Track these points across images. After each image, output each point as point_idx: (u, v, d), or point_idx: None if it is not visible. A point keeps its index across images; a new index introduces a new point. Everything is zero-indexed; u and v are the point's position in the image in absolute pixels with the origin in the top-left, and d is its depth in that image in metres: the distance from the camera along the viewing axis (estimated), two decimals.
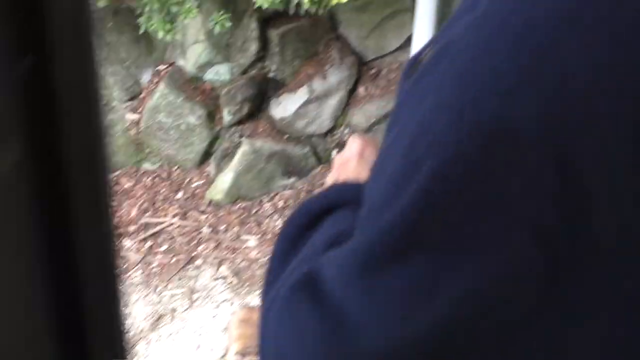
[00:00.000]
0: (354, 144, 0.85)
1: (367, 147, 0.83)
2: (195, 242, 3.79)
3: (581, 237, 0.48)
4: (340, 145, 4.30)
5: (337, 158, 0.87)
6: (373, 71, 4.31)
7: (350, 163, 0.81)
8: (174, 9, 3.39)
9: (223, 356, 3.12)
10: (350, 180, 0.77)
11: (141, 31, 3.57)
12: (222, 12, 3.51)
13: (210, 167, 4.17)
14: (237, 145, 4.05)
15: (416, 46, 3.07)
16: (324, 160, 4.30)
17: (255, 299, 3.42)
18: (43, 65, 0.28)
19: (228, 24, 3.51)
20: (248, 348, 2.67)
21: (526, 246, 0.48)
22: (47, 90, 0.28)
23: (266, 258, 3.62)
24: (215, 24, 3.49)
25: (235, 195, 4.02)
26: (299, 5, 3.19)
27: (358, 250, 0.54)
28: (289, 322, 0.59)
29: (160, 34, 3.44)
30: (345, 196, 0.71)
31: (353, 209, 0.64)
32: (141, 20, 3.51)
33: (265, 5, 3.03)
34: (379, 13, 4.06)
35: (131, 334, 3.19)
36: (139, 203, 3.99)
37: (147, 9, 3.44)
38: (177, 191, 4.09)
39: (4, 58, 0.26)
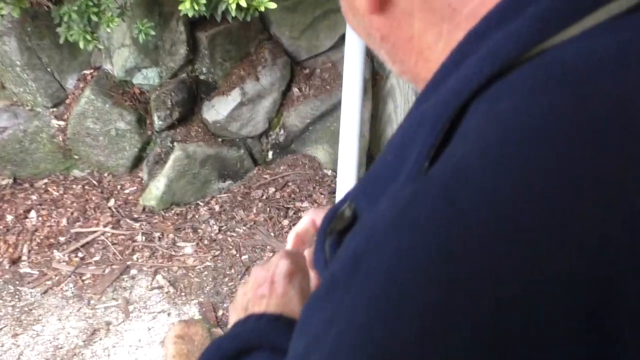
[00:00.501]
0: (282, 264, 0.80)
1: (296, 272, 0.79)
2: (129, 251, 3.74)
3: None
4: (275, 146, 4.35)
5: (259, 270, 0.82)
6: (306, 71, 4.38)
7: (276, 287, 0.77)
8: (94, 18, 3.33)
9: None
10: (269, 314, 0.73)
11: (61, 41, 3.50)
12: (145, 21, 3.48)
13: (143, 173, 4.16)
14: (170, 150, 4.05)
15: (349, 45, 3.08)
16: (260, 161, 4.38)
17: (192, 309, 3.39)
18: None
19: (152, 33, 3.49)
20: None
21: None
22: None
23: (203, 265, 3.63)
24: (139, 32, 3.46)
25: (169, 201, 4.02)
26: (226, 11, 3.17)
27: None
28: None
29: (82, 44, 3.38)
30: (261, 339, 0.68)
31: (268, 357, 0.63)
32: (60, 30, 3.45)
33: (190, 14, 3.01)
34: (310, 13, 4.12)
35: (64, 350, 3.12)
36: (69, 212, 3.92)
37: (65, 18, 3.37)
38: (108, 198, 4.05)
39: None
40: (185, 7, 2.97)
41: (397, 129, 0.54)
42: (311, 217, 0.93)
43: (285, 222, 3.98)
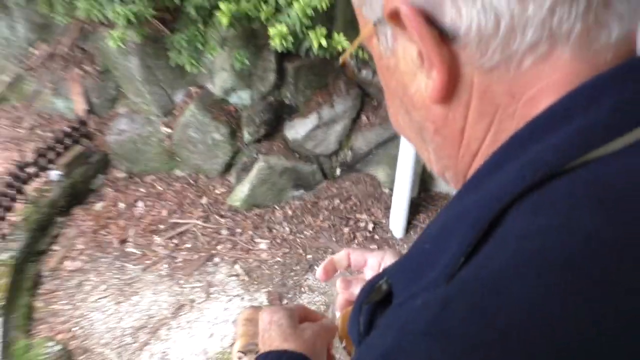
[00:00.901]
0: (263, 318, 0.87)
1: (274, 314, 0.86)
2: (214, 242, 3.95)
3: None
4: (342, 164, 4.49)
5: (261, 331, 0.88)
6: (374, 103, 4.42)
7: (265, 334, 0.85)
8: (200, 47, 3.59)
9: (231, 345, 3.20)
10: (276, 352, 0.80)
11: (172, 63, 3.80)
12: (241, 51, 3.68)
13: (231, 178, 4.36)
14: (255, 161, 4.22)
15: None
16: (328, 176, 4.48)
17: (262, 296, 3.59)
18: None
19: (246, 62, 3.68)
20: (249, 345, 2.74)
21: None
22: None
23: (274, 260, 3.89)
24: (236, 60, 3.67)
25: (251, 203, 4.20)
26: (309, 48, 3.35)
27: None
28: None
29: (187, 68, 3.66)
30: None
31: None
32: (171, 54, 3.74)
33: (280, 49, 3.18)
34: None
35: (155, 319, 3.42)
36: (169, 205, 4.18)
37: (176, 45, 3.66)
38: (201, 196, 4.27)
39: None
40: (276, 43, 3.11)
41: (436, 217, 0.52)
42: (347, 251, 0.93)
43: (346, 229, 4.07)
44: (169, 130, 4.35)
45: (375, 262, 0.92)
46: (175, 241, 3.96)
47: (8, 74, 4.57)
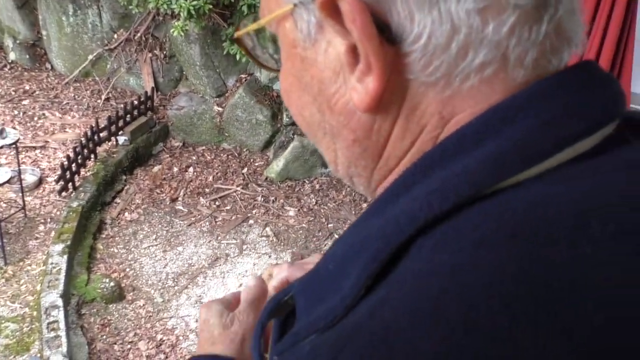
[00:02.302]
0: (200, 315, 0.70)
1: (207, 312, 0.69)
2: (250, 206, 3.96)
3: None
4: None
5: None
6: None
7: (201, 335, 0.69)
8: None
9: None
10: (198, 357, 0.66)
11: (225, 53, 3.82)
12: None
13: (270, 153, 4.36)
14: (290, 140, 4.22)
15: None
16: None
17: (286, 256, 3.59)
18: None
19: None
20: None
21: None
22: None
23: (300, 226, 3.88)
24: None
25: (284, 176, 4.20)
26: None
27: None
28: None
29: (237, 57, 3.70)
30: None
31: None
32: (225, 45, 3.77)
33: None
34: None
35: (195, 267, 3.46)
36: (215, 172, 4.20)
37: (229, 37, 3.68)
38: (243, 167, 4.28)
39: None
40: None
41: (344, 234, 0.41)
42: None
43: (364, 205, 3.99)
44: (220, 109, 4.37)
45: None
46: (217, 203, 3.97)
47: (93, 54, 4.64)
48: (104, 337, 2.99)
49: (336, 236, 3.79)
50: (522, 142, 0.34)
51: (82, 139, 3.89)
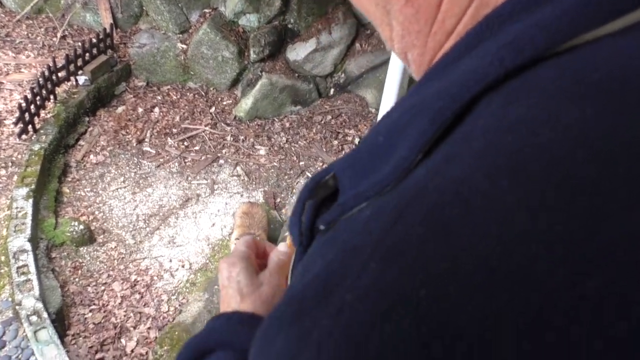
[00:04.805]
0: (222, 271, 0.67)
1: (232, 269, 0.66)
2: (220, 146, 3.90)
3: None
4: (336, 85, 4.40)
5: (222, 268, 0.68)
6: (368, 32, 4.30)
7: (224, 291, 0.66)
8: None
9: (230, 233, 3.24)
10: (226, 314, 0.62)
11: None
12: None
13: (237, 91, 4.26)
14: (259, 77, 4.12)
15: None
16: (323, 95, 4.39)
17: (258, 194, 3.57)
18: None
19: None
20: (245, 235, 2.61)
21: None
22: None
23: (271, 164, 3.85)
24: None
25: (253, 114, 4.13)
26: None
27: None
28: None
29: None
30: (223, 337, 0.58)
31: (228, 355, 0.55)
32: None
33: None
34: None
35: (165, 209, 3.40)
36: (182, 112, 4.10)
37: None
38: (211, 106, 4.19)
39: None
40: None
41: (393, 107, 0.37)
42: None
43: (335, 142, 4.01)
44: (184, 47, 4.24)
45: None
46: (185, 144, 3.90)
47: None
48: (77, 279, 2.95)
49: (308, 174, 3.78)
50: None
51: (40, 79, 3.72)
